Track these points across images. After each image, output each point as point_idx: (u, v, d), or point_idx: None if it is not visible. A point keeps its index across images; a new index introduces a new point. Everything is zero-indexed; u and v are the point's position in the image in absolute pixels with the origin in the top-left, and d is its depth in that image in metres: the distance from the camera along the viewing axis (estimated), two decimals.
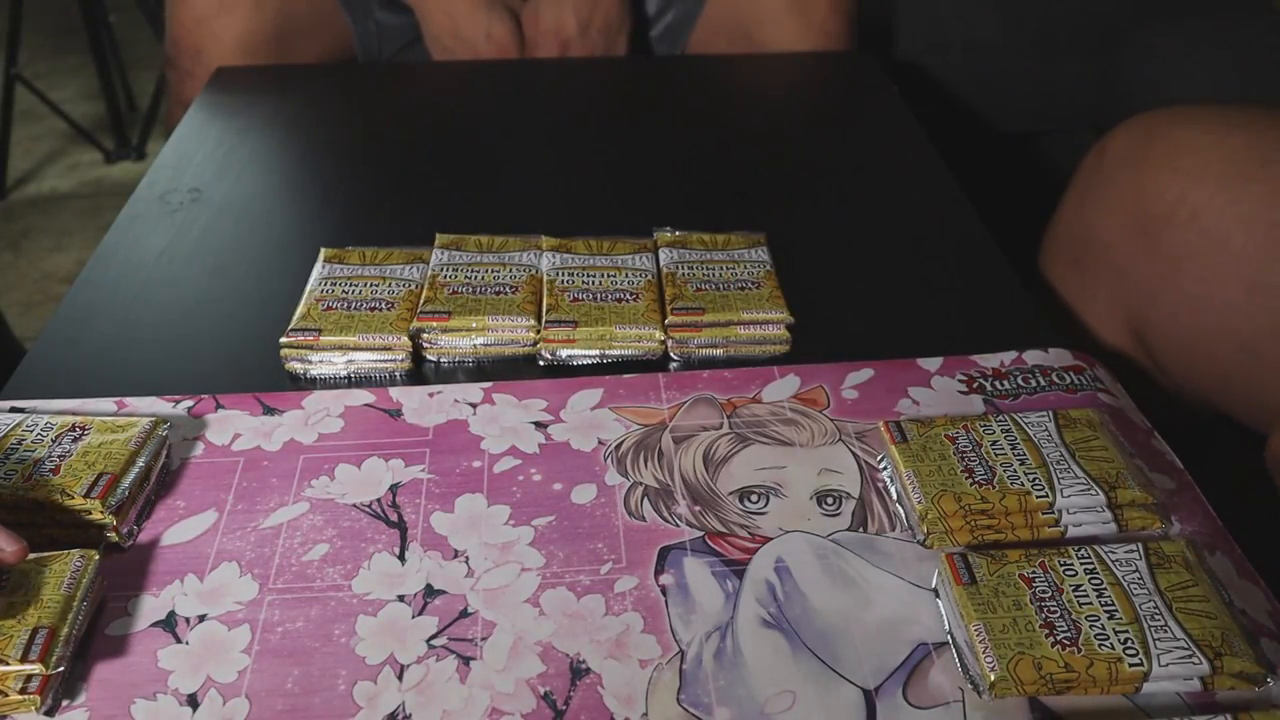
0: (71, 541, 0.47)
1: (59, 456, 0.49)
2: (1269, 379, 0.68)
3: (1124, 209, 0.76)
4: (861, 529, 0.49)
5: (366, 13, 1.09)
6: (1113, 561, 0.45)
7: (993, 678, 0.41)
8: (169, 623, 0.45)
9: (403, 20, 1.08)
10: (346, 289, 0.63)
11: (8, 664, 0.41)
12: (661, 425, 0.55)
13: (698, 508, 0.51)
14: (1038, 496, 0.48)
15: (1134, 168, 0.76)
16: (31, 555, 0.45)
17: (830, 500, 0.51)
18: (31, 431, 0.51)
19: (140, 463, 0.50)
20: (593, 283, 0.64)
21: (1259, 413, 0.71)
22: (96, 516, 0.48)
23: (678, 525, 0.50)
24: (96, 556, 0.45)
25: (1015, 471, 0.49)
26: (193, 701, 0.42)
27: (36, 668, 0.41)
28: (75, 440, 0.50)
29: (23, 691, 0.41)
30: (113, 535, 0.48)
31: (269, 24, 1.03)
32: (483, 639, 0.44)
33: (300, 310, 0.61)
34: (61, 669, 0.42)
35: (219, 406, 0.57)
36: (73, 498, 0.47)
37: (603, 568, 0.48)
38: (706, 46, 1.10)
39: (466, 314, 0.61)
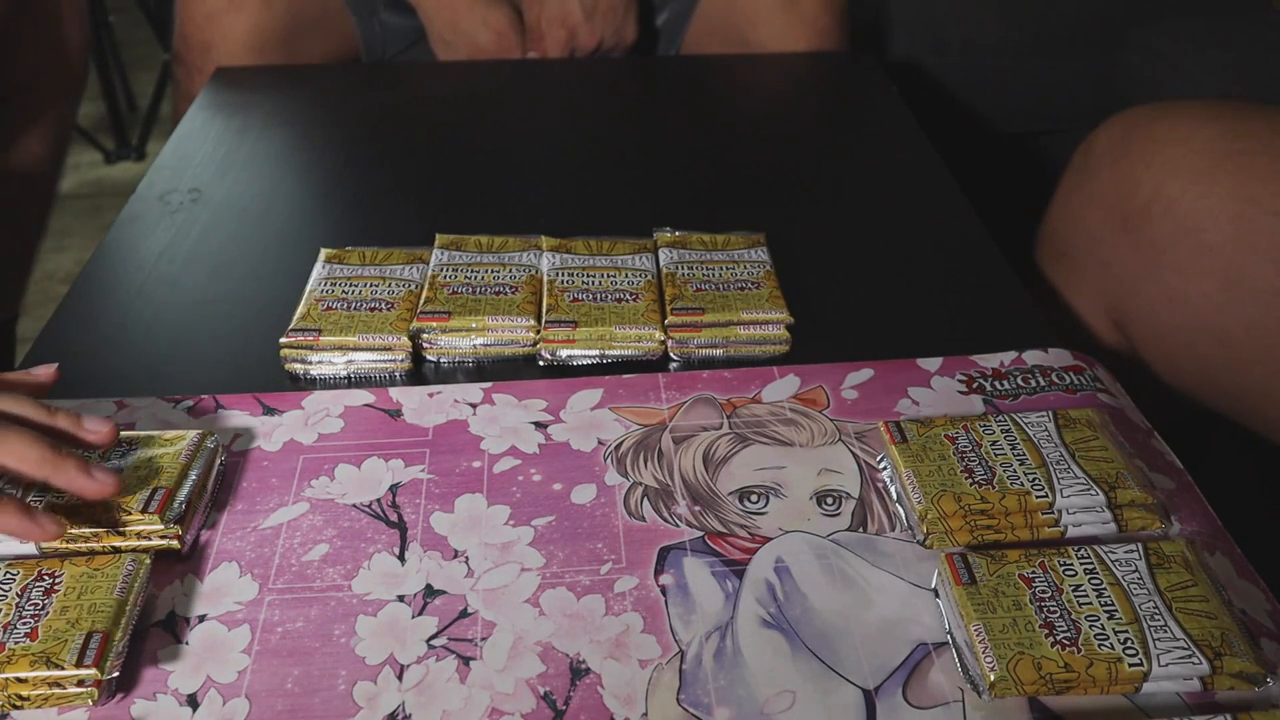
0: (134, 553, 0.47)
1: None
2: (1244, 371, 0.69)
3: (1106, 203, 0.77)
4: (861, 529, 0.49)
5: (371, 13, 1.09)
6: (1112, 561, 0.45)
7: (992, 678, 0.41)
8: (169, 623, 0.45)
9: (407, 22, 1.08)
10: (346, 289, 0.63)
11: (63, 669, 0.41)
12: (661, 425, 0.55)
13: (697, 508, 0.51)
14: (1037, 497, 0.48)
15: (1115, 163, 0.76)
16: (83, 560, 0.45)
17: (830, 500, 0.51)
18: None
19: (193, 475, 0.50)
20: (593, 283, 0.64)
21: (1238, 405, 0.72)
22: (157, 529, 0.47)
23: (677, 525, 0.50)
24: (148, 560, 0.46)
25: (1015, 472, 0.49)
26: (193, 701, 0.42)
27: (92, 673, 0.41)
28: (124, 455, 0.50)
29: (79, 685, 0.41)
30: (174, 543, 0.48)
31: (278, 21, 1.04)
32: (483, 639, 0.44)
33: (300, 310, 0.61)
34: (115, 675, 0.42)
35: (219, 406, 0.57)
36: (130, 513, 0.47)
37: (602, 568, 0.48)
38: (700, 46, 1.10)
39: (466, 314, 0.61)
